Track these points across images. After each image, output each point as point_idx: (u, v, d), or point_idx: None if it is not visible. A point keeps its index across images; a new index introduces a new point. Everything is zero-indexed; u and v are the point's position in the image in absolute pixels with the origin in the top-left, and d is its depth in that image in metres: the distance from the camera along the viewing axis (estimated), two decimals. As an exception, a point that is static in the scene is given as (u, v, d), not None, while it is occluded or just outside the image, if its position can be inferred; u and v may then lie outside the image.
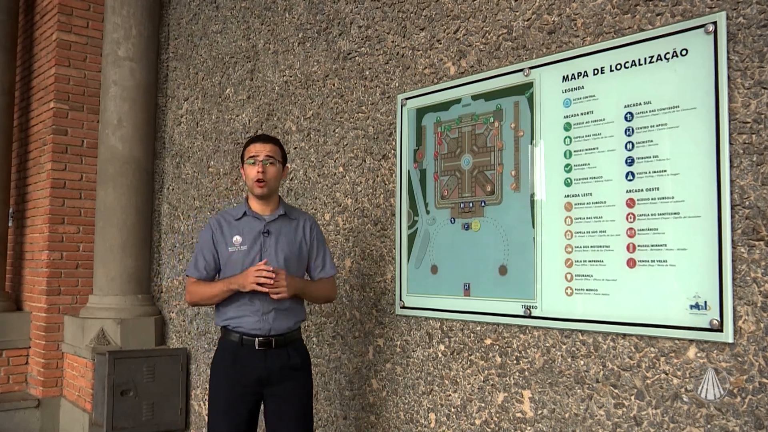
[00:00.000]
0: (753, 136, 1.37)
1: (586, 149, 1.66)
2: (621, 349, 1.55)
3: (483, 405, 1.85)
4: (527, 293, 1.75)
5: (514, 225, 1.80)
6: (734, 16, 1.40)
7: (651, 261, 1.51)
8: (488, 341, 1.85)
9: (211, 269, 1.84)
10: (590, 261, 1.63)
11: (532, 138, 1.78)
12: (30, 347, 3.66)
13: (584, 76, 1.67)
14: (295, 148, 2.65)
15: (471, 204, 1.92)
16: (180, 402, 3.14)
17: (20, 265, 3.85)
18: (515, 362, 1.78)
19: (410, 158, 2.13)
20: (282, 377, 1.78)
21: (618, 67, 1.61)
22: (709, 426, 1.39)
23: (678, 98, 1.49)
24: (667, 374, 1.47)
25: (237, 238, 1.80)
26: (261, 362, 1.76)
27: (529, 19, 1.81)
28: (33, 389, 3.59)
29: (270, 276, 1.69)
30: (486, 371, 1.85)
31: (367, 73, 2.33)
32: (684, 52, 1.49)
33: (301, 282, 1.83)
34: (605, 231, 1.61)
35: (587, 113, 1.66)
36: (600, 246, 1.61)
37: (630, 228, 1.56)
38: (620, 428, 1.54)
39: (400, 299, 2.12)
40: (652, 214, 1.52)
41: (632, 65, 1.58)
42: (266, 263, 1.72)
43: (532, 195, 1.76)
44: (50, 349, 3.51)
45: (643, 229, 1.53)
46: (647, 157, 1.54)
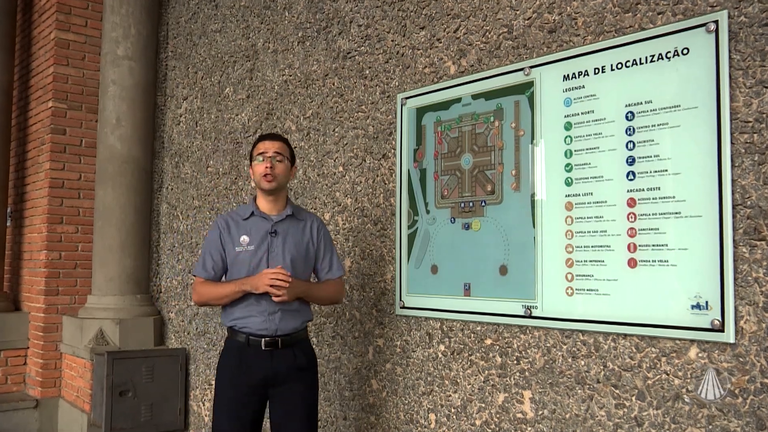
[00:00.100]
0: (755, 136, 1.37)
1: (587, 149, 1.65)
2: (622, 350, 1.55)
3: (483, 405, 1.85)
4: (528, 293, 1.74)
5: (515, 225, 1.79)
6: (736, 15, 1.40)
7: (652, 261, 1.51)
8: (488, 341, 1.85)
9: (219, 269, 1.83)
10: (591, 261, 1.62)
11: (533, 137, 1.77)
12: (28, 348, 3.65)
13: (585, 76, 1.67)
14: (295, 148, 2.64)
15: (471, 204, 1.92)
16: (179, 402, 3.13)
17: (18, 265, 3.84)
18: (516, 362, 1.77)
19: (410, 158, 2.12)
20: (288, 378, 1.77)
21: (619, 66, 1.60)
22: (711, 427, 1.39)
23: (679, 97, 1.49)
24: (668, 375, 1.46)
25: (244, 238, 1.80)
26: (267, 363, 1.75)
27: (530, 18, 1.80)
28: (31, 390, 3.58)
29: (286, 281, 1.70)
30: (486, 371, 1.84)
31: (367, 72, 2.32)
32: (685, 51, 1.48)
33: (305, 284, 1.82)
34: (606, 231, 1.60)
35: (588, 112, 1.66)
36: (601, 246, 1.60)
37: (631, 228, 1.55)
38: (621, 429, 1.53)
39: (400, 299, 2.12)
40: (653, 214, 1.51)
41: (633, 64, 1.57)
42: (280, 268, 1.72)
43: (533, 195, 1.76)
44: (48, 350, 3.50)
45: (644, 229, 1.53)
46: (648, 157, 1.53)
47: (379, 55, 2.28)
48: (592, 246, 1.62)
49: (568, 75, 1.70)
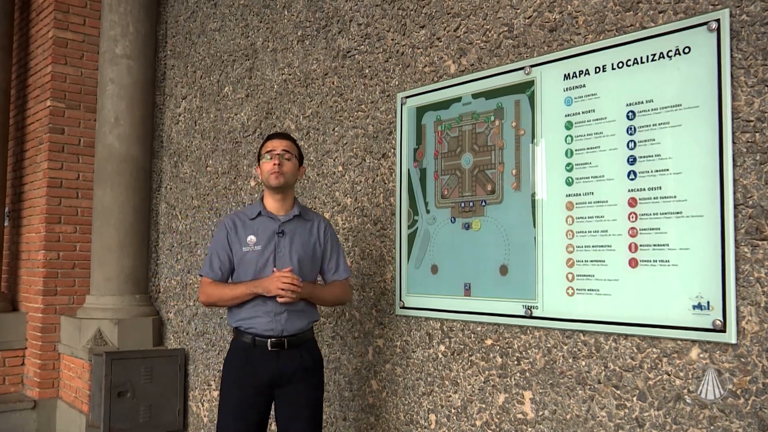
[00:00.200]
0: (756, 135, 1.36)
1: (588, 148, 1.64)
2: (623, 350, 1.54)
3: (483, 406, 1.84)
4: (528, 293, 1.73)
5: (515, 224, 1.78)
6: (738, 14, 1.39)
7: (653, 261, 1.50)
8: (489, 342, 1.84)
9: (226, 269, 1.83)
10: (592, 261, 1.61)
11: (533, 137, 1.76)
12: (26, 348, 3.64)
13: (586, 75, 1.66)
14: (294, 147, 2.63)
15: (471, 203, 1.91)
16: (178, 403, 3.12)
17: (16, 265, 3.83)
18: (516, 363, 1.76)
19: (410, 157, 2.11)
20: (294, 378, 1.77)
21: (620, 65, 1.60)
22: (712, 428, 1.38)
23: (680, 96, 1.48)
24: (670, 375, 1.46)
25: (251, 238, 1.80)
26: (273, 363, 1.75)
27: (530, 17, 1.79)
28: (29, 390, 3.57)
29: (298, 285, 1.70)
30: (486, 372, 1.84)
31: (367, 72, 2.31)
32: (687, 50, 1.47)
33: (311, 287, 1.82)
34: (607, 230, 1.59)
35: (589, 112, 1.65)
36: (601, 246, 1.60)
37: (632, 227, 1.55)
38: (622, 429, 1.53)
39: (400, 299, 2.11)
40: (654, 214, 1.51)
41: (634, 63, 1.57)
42: (291, 271, 1.73)
43: (533, 194, 1.75)
44: (47, 350, 3.49)
45: (645, 229, 1.52)
46: (649, 156, 1.53)
47: (379, 54, 2.27)
48: (593, 246, 1.61)
49: (569, 74, 1.69)
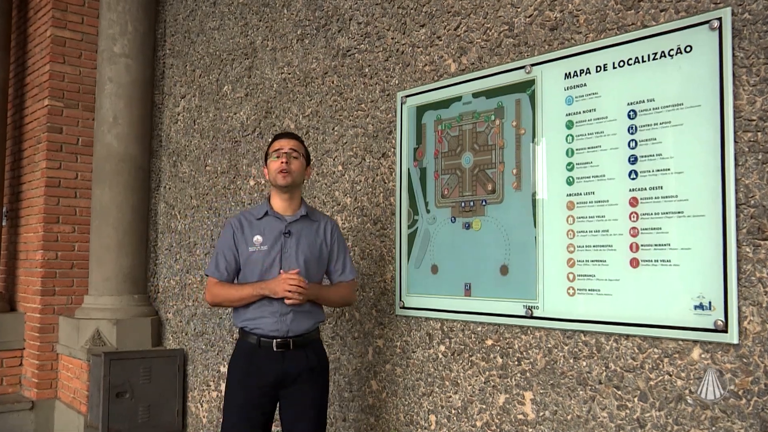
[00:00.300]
0: (758, 134, 1.36)
1: (589, 147, 1.64)
2: (624, 350, 1.54)
3: (484, 406, 1.83)
4: (529, 293, 1.73)
5: (516, 224, 1.77)
6: (740, 12, 1.39)
7: (654, 261, 1.49)
8: (489, 342, 1.83)
9: (232, 270, 1.83)
10: (592, 261, 1.61)
11: (534, 136, 1.75)
12: (24, 348, 3.62)
13: (587, 74, 1.65)
14: (293, 147, 2.62)
15: (472, 203, 1.90)
16: (177, 404, 3.11)
17: (14, 265, 3.81)
18: (516, 363, 1.76)
19: (410, 157, 2.11)
20: (299, 379, 1.77)
21: (621, 64, 1.59)
22: (714, 428, 1.38)
23: (682, 96, 1.47)
24: (671, 375, 1.45)
25: (258, 238, 1.79)
26: (278, 364, 1.75)
27: (531, 16, 1.79)
28: (27, 391, 3.55)
29: (304, 287, 1.70)
30: (487, 372, 1.83)
31: (367, 71, 2.30)
32: (688, 49, 1.47)
33: (317, 288, 1.82)
34: (608, 230, 1.59)
35: (590, 111, 1.64)
36: (602, 245, 1.59)
37: (633, 227, 1.54)
38: (623, 430, 1.52)
39: (400, 299, 2.10)
40: (656, 213, 1.50)
41: (635, 62, 1.56)
42: (298, 273, 1.73)
43: (534, 194, 1.74)
44: (45, 351, 3.47)
45: (647, 229, 1.51)
46: (650, 156, 1.52)
47: (379, 53, 2.26)
48: (594, 246, 1.61)
49: (570, 73, 1.68)
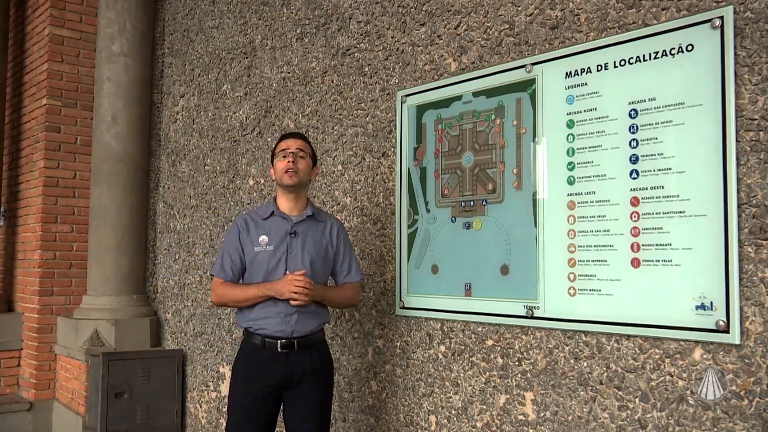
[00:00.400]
0: (760, 133, 1.35)
1: (590, 147, 1.63)
2: (625, 351, 1.53)
3: (484, 407, 1.82)
4: (529, 293, 1.72)
5: (516, 224, 1.77)
6: (741, 11, 1.38)
7: (655, 260, 1.49)
8: (489, 342, 1.83)
9: (237, 270, 1.83)
10: (593, 261, 1.60)
11: (535, 135, 1.75)
12: (22, 349, 3.61)
13: (587, 73, 1.64)
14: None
15: (472, 203, 1.89)
16: (175, 404, 3.10)
17: (12, 265, 3.80)
18: (517, 364, 1.75)
19: (410, 156, 2.10)
20: (303, 379, 1.76)
21: (622, 63, 1.58)
22: (716, 429, 1.37)
23: (683, 95, 1.47)
24: (672, 376, 1.44)
25: (263, 238, 1.79)
26: (282, 365, 1.74)
27: (532, 14, 1.78)
28: (25, 392, 3.54)
29: (310, 288, 1.71)
30: (487, 373, 1.82)
31: (367, 70, 2.30)
32: (690, 48, 1.46)
33: (322, 289, 1.81)
34: (609, 230, 1.58)
35: (590, 110, 1.63)
36: (603, 245, 1.58)
37: (634, 227, 1.53)
38: (624, 431, 1.51)
39: (400, 299, 2.09)
40: (657, 213, 1.50)
41: (637, 61, 1.55)
42: (304, 274, 1.73)
43: (535, 193, 1.73)
44: (43, 351, 3.46)
45: (648, 228, 1.51)
46: (652, 155, 1.51)
47: (379, 52, 2.25)
48: (595, 245, 1.60)
49: (571, 72, 1.67)
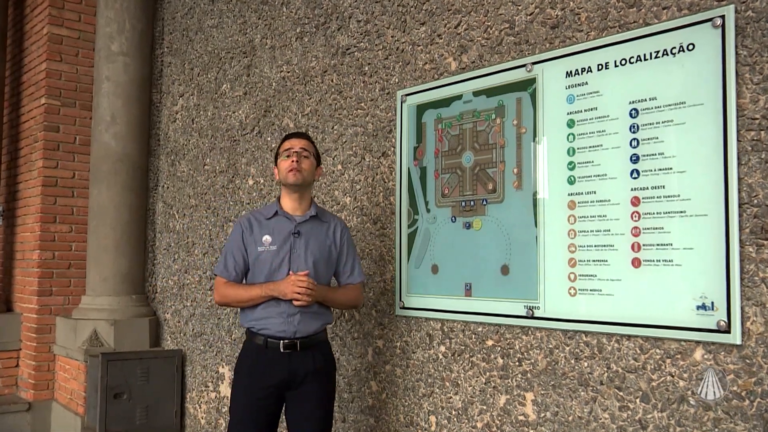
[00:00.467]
0: (762, 133, 1.35)
1: (590, 146, 1.63)
2: (626, 351, 1.52)
3: (485, 407, 1.82)
4: (530, 293, 1.71)
5: (517, 224, 1.76)
6: (743, 10, 1.38)
7: (656, 260, 1.48)
8: (490, 342, 1.82)
9: (241, 270, 1.83)
10: (594, 260, 1.60)
11: (535, 135, 1.74)
12: (20, 349, 3.60)
13: (588, 72, 1.64)
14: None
15: (472, 202, 1.89)
16: (175, 405, 3.09)
17: (11, 265, 3.79)
18: (517, 364, 1.74)
19: (410, 156, 2.09)
20: (305, 380, 1.76)
21: (623, 63, 1.58)
22: (717, 430, 1.37)
23: (684, 94, 1.46)
24: (673, 376, 1.44)
25: (267, 238, 1.79)
26: (285, 365, 1.74)
27: (532, 14, 1.77)
28: (23, 392, 3.53)
29: (313, 289, 1.71)
30: (488, 373, 1.82)
31: (366, 69, 2.29)
32: (691, 47, 1.46)
33: (325, 290, 1.81)
34: (609, 230, 1.58)
35: (591, 110, 1.63)
36: (604, 245, 1.58)
37: (635, 227, 1.53)
38: None
39: (400, 299, 2.09)
40: (658, 213, 1.49)
41: (637, 60, 1.55)
42: (307, 274, 1.73)
43: (535, 193, 1.73)
44: (41, 351, 3.45)
45: (649, 228, 1.50)
46: (653, 155, 1.51)
47: (379, 51, 2.24)
48: (596, 245, 1.60)
49: (571, 71, 1.67)
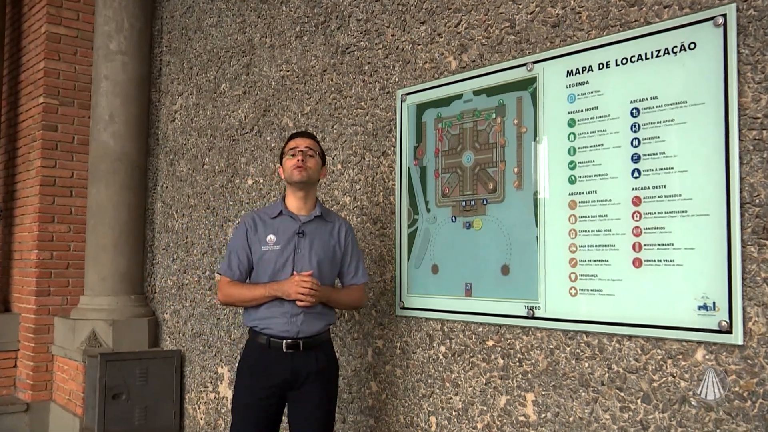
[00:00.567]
0: (763, 132, 1.34)
1: (591, 146, 1.62)
2: (627, 351, 1.52)
3: (485, 408, 1.81)
4: (530, 293, 1.71)
5: (517, 223, 1.76)
6: (744, 9, 1.37)
7: (657, 260, 1.48)
8: (490, 343, 1.82)
9: (245, 269, 1.82)
10: (595, 260, 1.59)
11: (536, 134, 1.74)
12: (18, 350, 3.59)
13: (589, 71, 1.63)
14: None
15: (473, 202, 1.88)
16: (174, 406, 3.09)
17: (9, 265, 3.78)
18: (518, 364, 1.74)
19: (410, 155, 2.09)
20: (307, 380, 1.76)
21: (624, 62, 1.57)
22: (718, 431, 1.36)
23: (686, 93, 1.46)
24: (675, 377, 1.44)
25: (271, 237, 1.79)
26: (287, 365, 1.74)
27: (533, 12, 1.77)
28: (22, 393, 3.52)
29: (317, 290, 1.70)
30: (488, 373, 1.81)
31: (366, 68, 2.28)
32: (692, 46, 1.45)
33: (328, 290, 1.81)
34: (610, 230, 1.57)
35: (592, 109, 1.62)
36: (605, 245, 1.57)
37: (636, 226, 1.52)
38: (626, 432, 1.51)
39: (400, 299, 2.08)
40: (659, 213, 1.49)
41: (638, 59, 1.54)
42: (311, 275, 1.72)
43: (536, 193, 1.72)
44: (39, 352, 3.44)
45: (650, 228, 1.50)
46: (654, 154, 1.50)
47: (379, 51, 2.24)
48: (596, 245, 1.59)
49: (572, 70, 1.66)
